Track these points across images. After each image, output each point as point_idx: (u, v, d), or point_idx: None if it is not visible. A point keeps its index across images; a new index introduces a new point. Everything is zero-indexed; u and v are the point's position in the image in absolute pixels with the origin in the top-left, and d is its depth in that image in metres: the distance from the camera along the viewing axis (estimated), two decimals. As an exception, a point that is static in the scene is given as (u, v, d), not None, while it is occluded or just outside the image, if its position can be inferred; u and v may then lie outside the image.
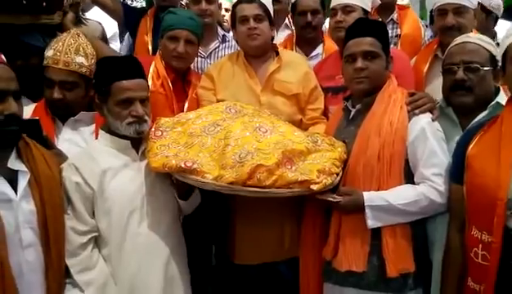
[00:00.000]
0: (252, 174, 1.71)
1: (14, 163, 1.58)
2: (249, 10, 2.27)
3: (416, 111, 1.88)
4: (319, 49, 2.81)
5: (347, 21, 2.30)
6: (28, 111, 1.95)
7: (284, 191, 1.75)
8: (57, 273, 1.65)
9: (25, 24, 2.00)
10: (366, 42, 1.91)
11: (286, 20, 3.42)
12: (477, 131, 1.68)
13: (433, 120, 1.89)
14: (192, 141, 1.85)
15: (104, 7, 3.07)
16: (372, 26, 1.98)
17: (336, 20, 2.38)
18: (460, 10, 2.35)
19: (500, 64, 1.74)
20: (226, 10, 3.60)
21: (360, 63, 1.90)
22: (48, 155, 1.72)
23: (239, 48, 2.43)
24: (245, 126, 1.89)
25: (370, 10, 2.48)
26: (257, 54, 2.32)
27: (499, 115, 1.65)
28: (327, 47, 2.77)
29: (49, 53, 2.05)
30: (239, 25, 2.30)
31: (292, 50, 2.79)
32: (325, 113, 2.37)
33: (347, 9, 2.36)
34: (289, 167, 1.78)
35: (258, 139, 1.84)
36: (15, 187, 1.57)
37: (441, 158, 1.82)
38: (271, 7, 2.38)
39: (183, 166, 1.72)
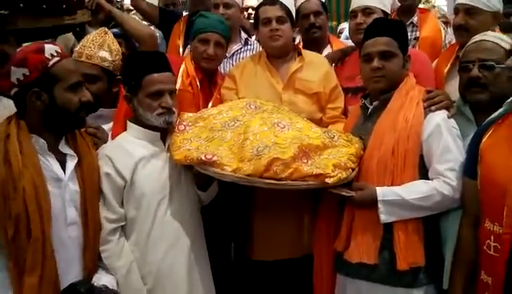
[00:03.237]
0: (269, 166, 1.78)
1: (64, 147, 1.73)
2: (272, 12, 2.34)
3: (432, 108, 1.91)
4: (326, 51, 2.84)
5: (367, 23, 2.31)
6: None
7: (299, 183, 1.80)
8: (93, 253, 1.77)
9: (49, 26, 2.09)
10: (383, 42, 1.95)
11: None
12: (490, 125, 1.71)
13: (448, 117, 1.91)
14: (213, 135, 1.94)
15: (141, 11, 3.23)
16: (389, 26, 2.02)
17: (356, 22, 2.42)
18: (471, 11, 2.34)
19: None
20: (253, 8, 3.68)
21: (376, 62, 1.94)
22: (91, 143, 1.86)
23: (261, 50, 2.50)
24: (264, 122, 1.96)
25: (389, 12, 2.51)
26: (278, 54, 2.38)
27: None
28: (335, 49, 2.81)
29: (76, 48, 2.15)
30: (261, 27, 2.37)
31: None
32: (345, 113, 2.41)
33: (366, 11, 2.40)
34: (305, 160, 1.84)
35: (275, 134, 1.91)
36: (63, 169, 1.71)
37: (455, 153, 1.84)
38: (293, 9, 2.45)
39: (204, 158, 1.81)
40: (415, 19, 3.11)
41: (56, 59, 1.64)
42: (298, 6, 2.82)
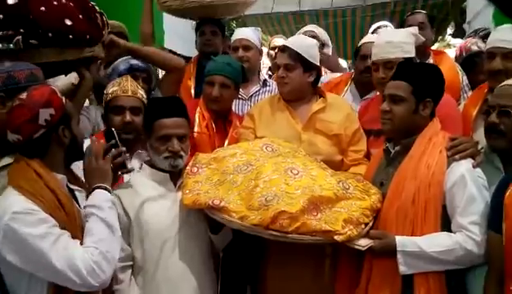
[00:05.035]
0: (275, 219, 1.73)
1: (68, 184, 1.73)
2: (280, 59, 2.38)
3: (457, 156, 1.83)
4: (374, 93, 2.76)
5: (389, 77, 2.21)
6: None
7: (306, 238, 1.76)
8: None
9: (71, 59, 2.16)
10: (394, 86, 1.93)
11: None
12: (514, 178, 1.61)
13: (474, 166, 1.83)
14: (224, 179, 1.92)
15: None
16: (407, 70, 1.96)
17: (379, 76, 2.32)
18: (509, 55, 2.23)
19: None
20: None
21: (385, 105, 1.94)
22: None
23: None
24: (277, 168, 1.92)
25: (413, 55, 2.36)
26: (288, 98, 2.38)
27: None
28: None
29: (114, 88, 2.26)
30: (275, 71, 2.46)
31: (346, 87, 2.84)
32: (368, 155, 2.35)
33: (388, 65, 2.29)
34: (315, 213, 1.78)
35: (287, 181, 1.86)
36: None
37: (480, 206, 1.76)
38: (311, 52, 2.36)
39: (211, 204, 1.79)
40: (430, 61, 3.01)
41: (64, 98, 1.69)
42: (360, 45, 2.80)
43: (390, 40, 2.32)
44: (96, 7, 2.28)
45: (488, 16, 5.26)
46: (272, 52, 3.83)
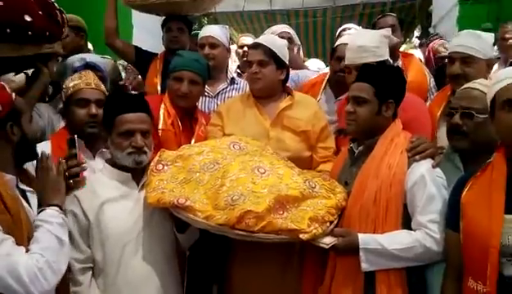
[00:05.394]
0: (241, 219, 1.73)
1: (19, 183, 1.68)
2: (253, 55, 2.37)
3: (417, 157, 1.87)
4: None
5: None
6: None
7: (272, 237, 1.76)
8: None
9: (30, 54, 2.09)
10: (357, 88, 1.96)
11: None
12: (470, 177, 1.65)
13: (433, 166, 1.87)
14: (190, 177, 1.90)
15: (117, 49, 3.24)
16: (370, 72, 1.99)
17: (352, 79, 2.26)
18: (467, 59, 2.31)
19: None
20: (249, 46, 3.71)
21: (349, 106, 1.97)
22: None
23: (247, 90, 2.52)
24: (244, 167, 1.92)
25: (387, 57, 2.39)
26: (259, 95, 2.39)
27: (490, 162, 1.62)
28: None
29: (75, 81, 2.18)
30: (247, 69, 2.44)
31: (320, 89, 2.86)
32: (337, 153, 2.35)
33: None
34: (281, 212, 1.79)
35: (254, 180, 1.86)
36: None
37: (439, 205, 1.80)
38: (282, 51, 2.38)
39: (176, 203, 1.77)
40: (399, 63, 3.07)
41: (14, 94, 1.64)
42: (336, 46, 2.82)
43: (363, 44, 2.35)
44: (56, 4, 2.22)
45: (453, 20, 5.44)
46: (240, 51, 3.81)
